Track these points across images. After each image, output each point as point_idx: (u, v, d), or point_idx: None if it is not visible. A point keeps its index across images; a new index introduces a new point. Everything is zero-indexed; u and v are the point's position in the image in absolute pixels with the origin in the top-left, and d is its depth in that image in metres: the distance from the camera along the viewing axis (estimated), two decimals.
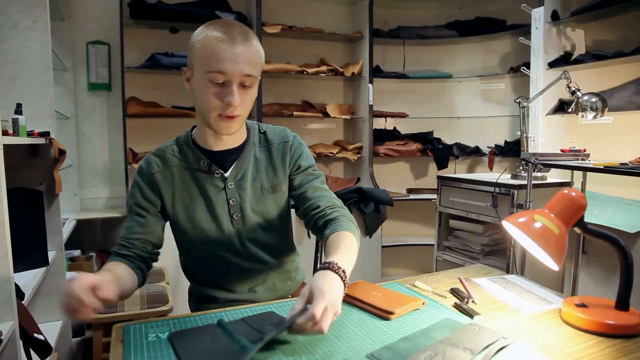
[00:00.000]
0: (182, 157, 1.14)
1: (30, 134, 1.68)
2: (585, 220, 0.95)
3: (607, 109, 2.14)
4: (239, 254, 1.17)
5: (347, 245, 0.98)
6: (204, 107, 1.03)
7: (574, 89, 2.21)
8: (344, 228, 1.05)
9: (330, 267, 0.87)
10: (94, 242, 2.81)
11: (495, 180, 2.20)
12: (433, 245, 2.67)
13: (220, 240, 1.15)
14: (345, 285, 0.87)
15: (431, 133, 3.55)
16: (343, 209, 1.15)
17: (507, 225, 1.01)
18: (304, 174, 1.19)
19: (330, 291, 0.81)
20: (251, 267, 1.19)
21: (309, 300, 0.80)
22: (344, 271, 0.88)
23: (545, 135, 2.64)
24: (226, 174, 1.13)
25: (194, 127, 1.18)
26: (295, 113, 3.09)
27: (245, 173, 1.15)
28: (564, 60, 2.56)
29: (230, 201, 1.13)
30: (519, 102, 2.44)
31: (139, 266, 1.10)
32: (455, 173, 3.44)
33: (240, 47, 0.99)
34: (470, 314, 0.96)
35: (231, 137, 1.12)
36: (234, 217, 1.14)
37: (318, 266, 1.55)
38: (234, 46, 0.98)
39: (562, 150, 2.30)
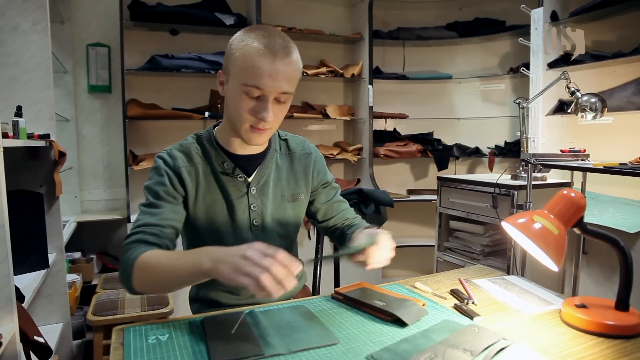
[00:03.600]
0: (205, 157, 1.12)
1: (30, 136, 1.69)
2: (586, 220, 0.95)
3: (606, 109, 2.14)
4: None
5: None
6: (236, 117, 1.03)
7: (573, 89, 2.21)
8: (368, 225, 1.19)
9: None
10: (94, 244, 2.81)
11: (495, 181, 2.20)
12: (433, 246, 2.67)
13: (236, 244, 1.13)
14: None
15: (431, 134, 3.56)
16: (359, 218, 1.29)
17: (506, 226, 1.01)
18: (329, 189, 1.27)
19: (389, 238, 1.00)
20: None
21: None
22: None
23: (545, 135, 2.64)
24: (249, 179, 1.12)
25: (214, 126, 1.16)
26: (295, 114, 3.10)
27: (268, 179, 1.15)
28: (564, 60, 2.56)
29: (252, 206, 1.13)
30: (519, 103, 2.44)
31: None
32: (455, 174, 3.44)
33: (281, 64, 0.97)
34: (470, 315, 0.96)
35: None
36: (254, 222, 1.13)
37: (319, 265, 1.55)
38: (275, 62, 0.96)
39: (561, 151, 2.30)
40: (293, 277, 0.77)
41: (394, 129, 3.56)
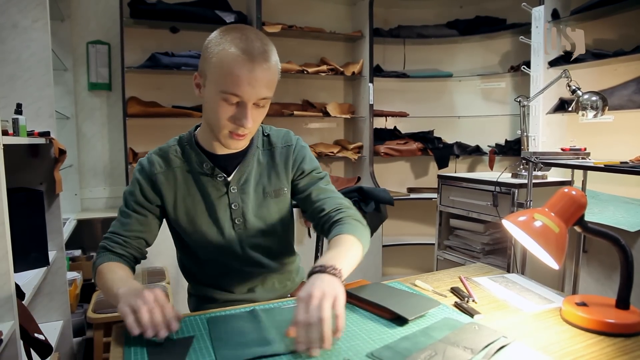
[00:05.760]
0: (185, 158, 1.12)
1: (30, 134, 1.68)
2: (586, 219, 0.95)
3: (607, 107, 2.14)
4: (239, 259, 1.16)
5: (345, 247, 0.97)
6: (215, 123, 1.01)
7: (574, 87, 2.21)
8: (346, 231, 1.03)
9: (321, 270, 0.86)
10: (94, 242, 2.81)
11: (495, 180, 2.20)
12: (434, 244, 2.67)
13: (220, 244, 1.14)
14: (340, 280, 0.85)
15: (431, 132, 3.55)
16: (350, 208, 1.13)
17: (507, 224, 1.01)
18: (308, 177, 1.18)
19: (321, 288, 0.80)
20: (251, 271, 1.18)
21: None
22: (334, 267, 0.86)
23: (546, 134, 2.64)
24: (229, 178, 1.11)
25: (197, 127, 1.16)
26: (295, 112, 3.09)
27: (249, 177, 1.13)
28: (565, 59, 2.56)
29: (232, 205, 1.12)
30: (520, 101, 2.44)
31: (132, 268, 1.09)
32: (455, 172, 3.43)
33: (259, 70, 0.94)
34: (470, 313, 0.96)
35: None
36: (236, 221, 1.13)
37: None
38: (254, 68, 0.94)
39: (562, 149, 2.29)
40: (164, 329, 0.82)
41: (395, 127, 3.56)
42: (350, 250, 0.98)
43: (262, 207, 1.15)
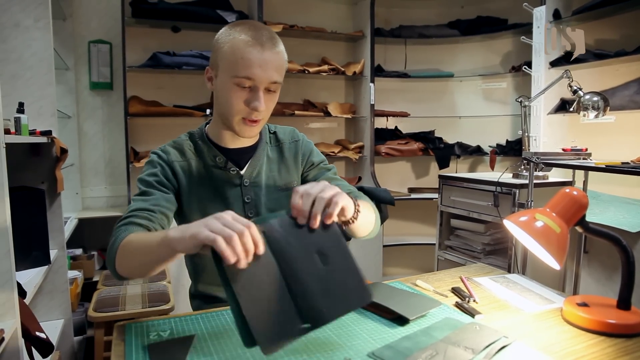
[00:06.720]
0: (198, 153, 1.14)
1: (32, 132, 1.69)
2: (587, 219, 0.95)
3: (608, 108, 2.13)
4: None
5: (363, 202, 1.02)
6: (228, 110, 1.04)
7: (575, 88, 2.20)
8: (364, 199, 1.11)
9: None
10: (95, 240, 2.81)
11: (496, 180, 2.20)
12: (434, 244, 2.67)
13: None
14: (355, 208, 0.91)
15: (432, 132, 3.55)
16: (359, 193, 1.20)
17: (508, 224, 1.01)
18: (317, 169, 1.24)
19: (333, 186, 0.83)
20: None
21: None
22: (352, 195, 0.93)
23: (547, 134, 2.64)
24: (242, 172, 1.13)
25: (206, 123, 1.18)
26: (296, 112, 3.09)
27: (260, 171, 1.16)
28: (566, 59, 2.55)
29: (246, 198, 1.13)
30: (521, 101, 2.44)
31: None
32: (456, 172, 3.43)
33: (269, 53, 0.99)
34: (471, 313, 0.96)
35: None
36: (249, 214, 1.14)
37: None
38: (264, 52, 0.98)
39: (563, 150, 2.29)
40: (260, 247, 0.73)
41: (396, 127, 3.56)
42: (367, 205, 1.04)
43: (274, 201, 1.17)
